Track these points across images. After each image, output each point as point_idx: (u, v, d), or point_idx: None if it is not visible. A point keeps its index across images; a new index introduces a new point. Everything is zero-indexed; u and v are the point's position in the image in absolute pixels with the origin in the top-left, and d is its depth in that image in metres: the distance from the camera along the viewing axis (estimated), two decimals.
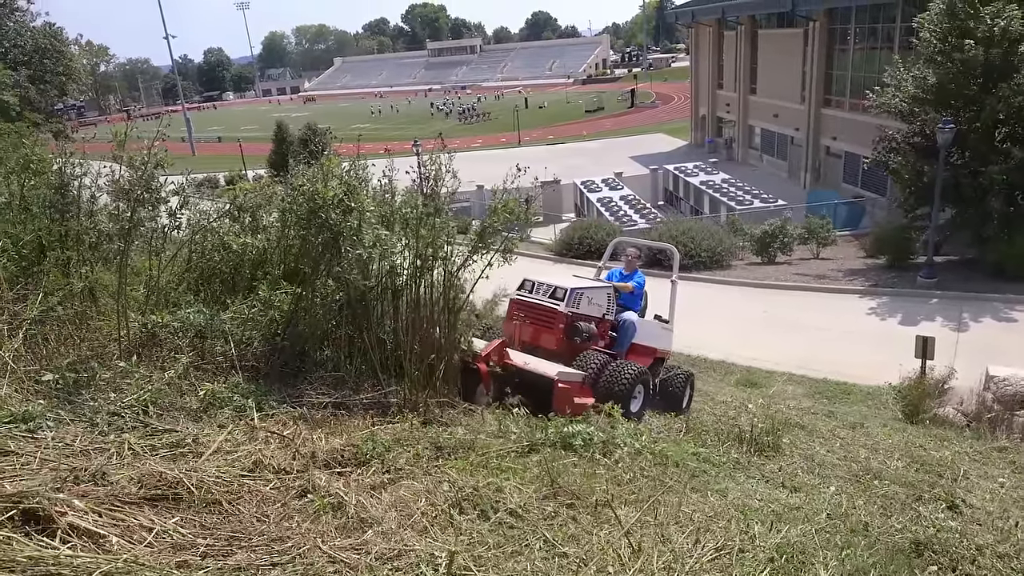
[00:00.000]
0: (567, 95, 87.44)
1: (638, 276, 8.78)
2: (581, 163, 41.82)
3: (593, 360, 7.01)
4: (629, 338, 8.12)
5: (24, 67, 35.44)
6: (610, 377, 6.82)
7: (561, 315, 7.24)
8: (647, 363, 7.97)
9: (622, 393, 6.61)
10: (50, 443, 2.89)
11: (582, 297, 7.49)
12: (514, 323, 7.39)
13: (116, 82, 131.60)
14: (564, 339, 7.28)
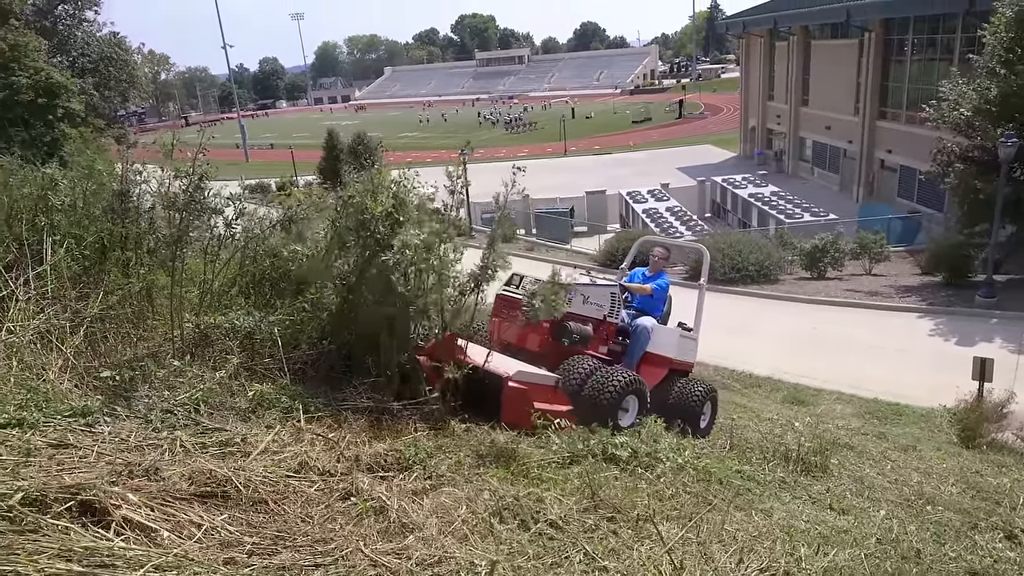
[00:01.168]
0: (614, 105, 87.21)
1: (662, 278, 7.90)
2: (627, 174, 41.61)
3: (579, 365, 6.13)
4: (641, 346, 7.24)
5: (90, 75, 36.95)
6: (595, 385, 5.92)
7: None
8: (660, 375, 7.14)
9: (608, 404, 5.76)
10: (107, 437, 2.99)
11: (574, 294, 6.58)
12: (496, 320, 6.65)
13: (175, 90, 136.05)
14: (549, 340, 6.46)
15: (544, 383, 5.51)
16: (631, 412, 6.13)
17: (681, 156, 48.76)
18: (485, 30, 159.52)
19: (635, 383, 6.11)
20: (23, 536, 2.15)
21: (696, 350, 7.94)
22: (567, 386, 5.84)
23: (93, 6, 41.00)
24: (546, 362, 6.12)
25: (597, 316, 6.88)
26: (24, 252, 4.55)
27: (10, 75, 25.64)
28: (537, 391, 5.31)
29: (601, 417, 5.38)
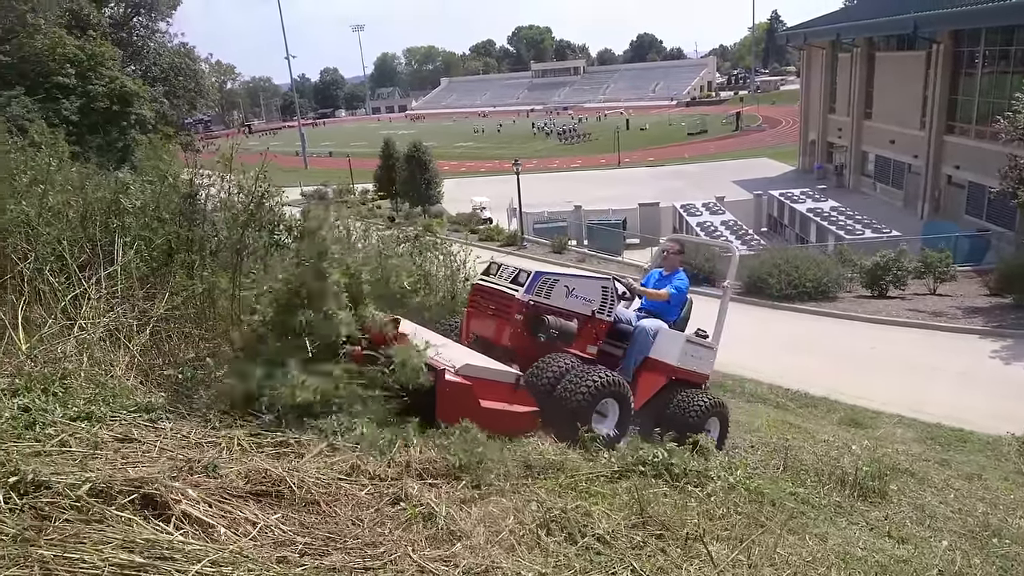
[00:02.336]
0: (670, 117, 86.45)
1: (679, 278, 7.01)
2: (681, 186, 41.17)
3: (553, 364, 5.48)
4: (641, 351, 6.47)
5: (161, 83, 38.42)
6: (567, 386, 5.24)
7: (518, 303, 5.70)
8: (657, 384, 6.43)
9: (580, 407, 5.14)
10: (169, 434, 3.10)
11: (556, 285, 5.93)
12: (470, 312, 6.19)
13: (240, 98, 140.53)
14: (523, 335, 5.74)
15: (500, 380, 4.91)
16: (610, 418, 5.52)
17: (737, 169, 47.95)
18: (541, 41, 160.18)
19: (614, 385, 5.42)
20: (89, 526, 2.24)
21: (712, 360, 7.10)
22: (538, 386, 5.30)
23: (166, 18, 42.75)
24: (523, 360, 5.60)
25: (583, 312, 6.12)
26: (97, 252, 4.76)
27: (88, 83, 26.88)
28: (487, 388, 4.74)
29: (572, 421, 4.95)
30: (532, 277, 5.79)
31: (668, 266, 7.19)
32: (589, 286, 6.25)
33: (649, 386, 6.38)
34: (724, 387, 12.52)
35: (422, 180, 38.43)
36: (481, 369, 4.81)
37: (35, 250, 4.41)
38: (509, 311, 5.74)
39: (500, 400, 4.74)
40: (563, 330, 5.79)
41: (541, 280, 5.83)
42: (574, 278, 6.29)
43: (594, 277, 6.58)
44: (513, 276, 5.95)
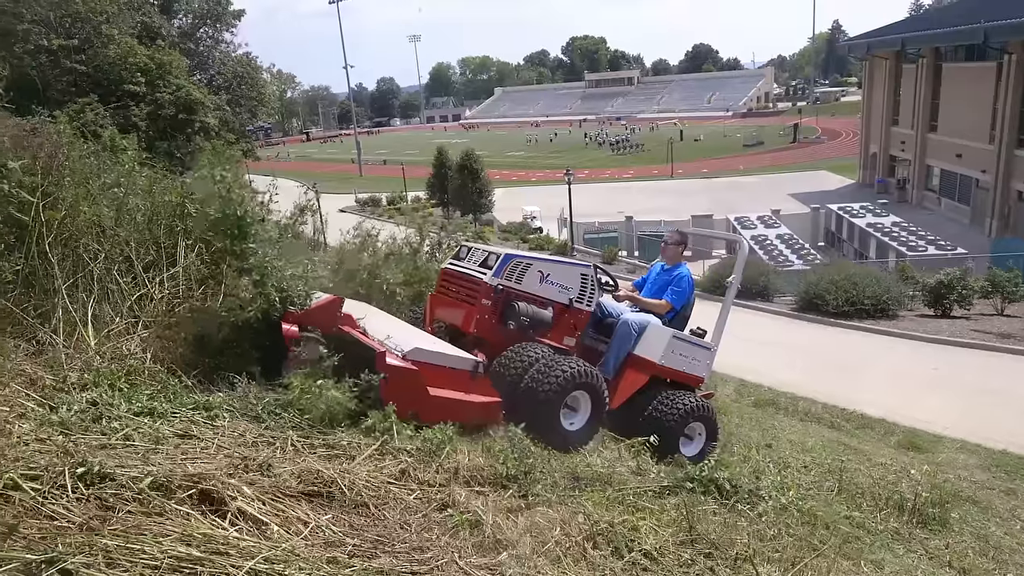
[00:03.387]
0: (725, 128, 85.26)
1: (682, 276, 6.37)
2: (735, 198, 40.50)
3: (523, 353, 5.03)
4: (624, 346, 5.94)
5: (224, 91, 39.71)
6: (535, 376, 4.80)
7: (485, 288, 5.28)
8: (638, 382, 5.86)
9: (547, 399, 4.71)
10: (226, 431, 3.19)
11: (528, 270, 5.45)
12: (437, 297, 5.81)
13: (299, 107, 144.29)
14: (491, 322, 5.33)
15: (455, 366, 4.53)
16: (581, 414, 5.07)
17: (794, 182, 46.96)
18: (596, 52, 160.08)
19: (586, 376, 4.95)
20: (150, 518, 2.32)
21: (709, 361, 6.47)
22: (504, 376, 4.90)
23: (230, 28, 44.24)
24: (492, 350, 5.21)
25: (560, 300, 5.65)
26: (161, 254, 4.94)
27: (156, 91, 27.97)
28: (439, 375, 4.36)
29: (539, 415, 4.63)
30: (501, 260, 5.35)
31: (668, 258, 6.57)
32: (566, 272, 5.75)
33: (629, 384, 5.84)
34: (777, 405, 12.25)
35: (473, 189, 38.76)
36: (432, 354, 4.43)
37: (105, 251, 4.59)
38: (476, 296, 5.32)
39: (454, 388, 4.39)
40: (535, 318, 5.37)
41: (511, 263, 5.38)
42: (550, 263, 5.78)
43: (573, 263, 6.03)
44: (482, 259, 5.54)
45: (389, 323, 5.13)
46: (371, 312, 5.33)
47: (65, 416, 2.91)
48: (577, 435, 4.95)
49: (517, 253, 5.60)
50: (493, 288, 5.28)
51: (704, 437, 6.03)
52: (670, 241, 6.56)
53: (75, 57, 27.65)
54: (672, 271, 6.42)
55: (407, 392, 3.97)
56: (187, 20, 42.67)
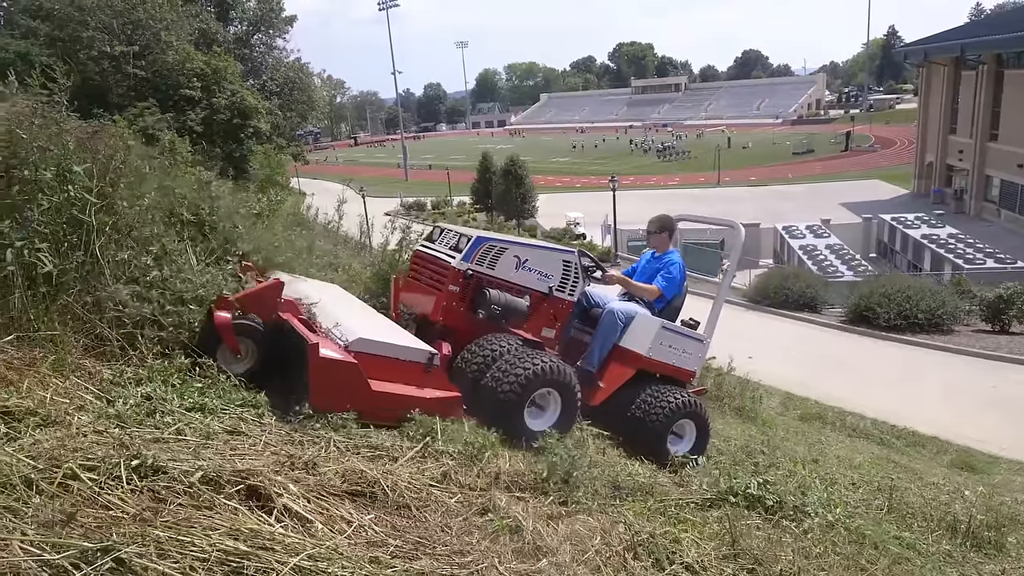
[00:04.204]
0: (774, 136, 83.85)
1: (672, 260, 5.87)
2: (784, 207, 39.76)
3: (490, 345, 4.65)
4: (609, 337, 5.46)
5: (276, 97, 40.66)
6: (499, 371, 4.41)
7: (453, 273, 4.88)
8: (623, 376, 5.43)
9: (508, 397, 4.30)
10: (273, 429, 3.26)
11: (503, 255, 5.04)
12: (407, 282, 5.42)
13: (348, 111, 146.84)
14: (460, 310, 4.95)
15: (407, 358, 4.12)
16: (550, 412, 4.60)
17: (845, 191, 45.87)
18: (643, 58, 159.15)
19: (555, 373, 4.48)
20: (200, 511, 2.37)
21: (701, 355, 5.98)
22: (468, 370, 4.53)
23: (283, 35, 45.36)
24: (461, 340, 4.85)
25: (538, 288, 5.21)
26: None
27: (211, 96, 28.78)
28: (386, 368, 3.98)
29: (501, 414, 4.25)
30: (472, 243, 4.94)
31: (656, 246, 6.05)
32: (546, 258, 5.29)
33: (614, 378, 5.40)
34: (824, 419, 11.97)
35: (517, 194, 38.90)
36: (380, 344, 4.03)
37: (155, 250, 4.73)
38: (444, 281, 4.93)
39: (405, 382, 4.03)
40: (509, 306, 4.92)
41: (484, 247, 4.96)
42: (527, 247, 5.30)
43: (554, 248, 5.54)
44: (454, 242, 5.12)
45: (350, 309, 4.80)
46: (337, 297, 5.08)
47: (121, 409, 3.00)
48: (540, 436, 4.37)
49: (491, 236, 5.19)
50: (462, 273, 4.88)
51: (695, 435, 5.60)
52: (653, 229, 6.00)
53: (135, 63, 28.64)
54: (662, 258, 5.93)
55: (344, 387, 3.63)
56: (242, 27, 43.84)
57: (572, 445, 3.87)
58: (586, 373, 5.28)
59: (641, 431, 5.18)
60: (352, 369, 3.68)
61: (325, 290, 5.21)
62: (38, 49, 26.89)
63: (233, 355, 3.96)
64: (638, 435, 5.18)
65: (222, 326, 3.86)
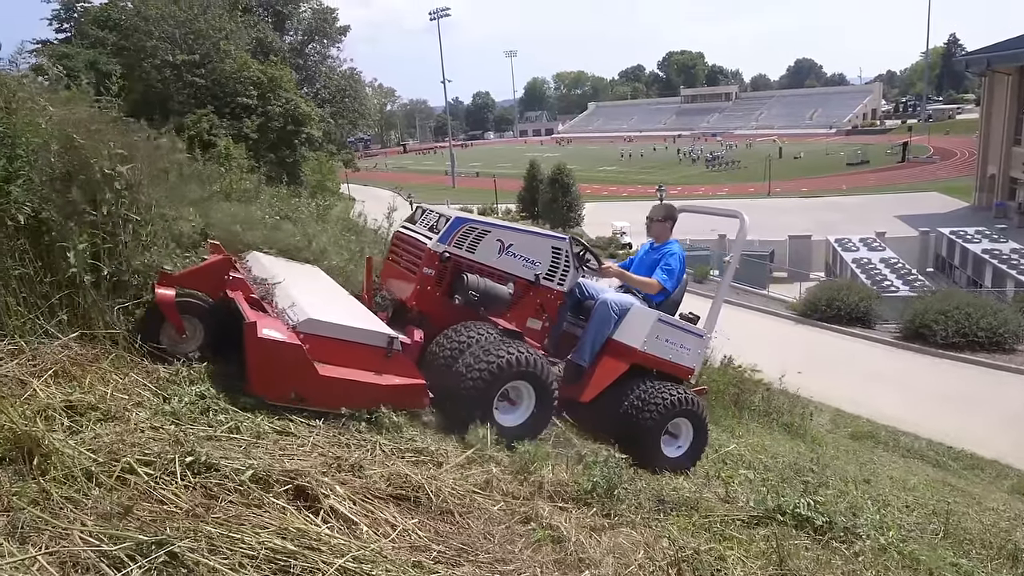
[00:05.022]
0: (827, 146, 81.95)
1: (672, 250, 5.53)
2: (836, 219, 38.82)
3: (463, 334, 4.34)
4: (602, 329, 5.13)
5: (328, 104, 41.58)
6: (466, 361, 4.11)
7: (429, 255, 4.60)
8: (615, 371, 5.07)
9: (474, 388, 4.01)
10: (321, 431, 3.31)
11: (485, 237, 4.74)
12: (389, 265, 5.16)
13: (397, 119, 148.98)
14: (435, 295, 4.66)
15: (363, 342, 3.79)
16: (521, 407, 4.31)
17: (901, 203, 44.53)
18: (693, 67, 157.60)
19: (527, 364, 4.17)
20: (249, 509, 2.43)
21: (701, 351, 5.64)
22: (438, 360, 4.23)
23: (336, 44, 46.43)
24: (438, 328, 4.55)
25: (523, 275, 4.89)
26: None
27: (267, 104, 29.58)
28: (338, 352, 3.68)
29: (467, 407, 3.98)
30: (450, 223, 4.66)
31: (656, 236, 5.71)
32: (534, 244, 4.96)
33: (606, 373, 5.07)
34: (877, 438, 11.62)
35: (564, 202, 38.91)
36: (333, 326, 3.71)
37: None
38: (419, 264, 4.67)
39: (360, 367, 3.72)
40: (488, 293, 4.61)
41: (463, 228, 4.67)
42: (514, 231, 4.98)
43: (543, 234, 5.22)
44: (432, 223, 4.86)
45: (315, 290, 4.58)
46: (308, 278, 4.90)
47: (176, 407, 3.10)
48: (516, 432, 4.17)
49: (471, 217, 4.90)
50: (438, 255, 4.58)
51: (691, 436, 5.25)
52: (656, 217, 5.66)
53: (195, 71, 29.63)
54: (661, 248, 5.59)
55: (286, 371, 3.39)
56: (297, 37, 44.95)
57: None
58: (577, 367, 5.04)
59: (633, 429, 4.86)
60: (295, 351, 3.39)
61: (300, 272, 5.04)
62: (105, 58, 28.04)
63: (178, 334, 3.76)
64: (629, 433, 4.84)
65: (164, 303, 3.66)
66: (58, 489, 2.25)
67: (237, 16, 33.68)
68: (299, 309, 3.76)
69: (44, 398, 2.79)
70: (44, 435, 2.42)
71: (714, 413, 8.29)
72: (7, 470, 2.31)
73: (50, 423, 2.62)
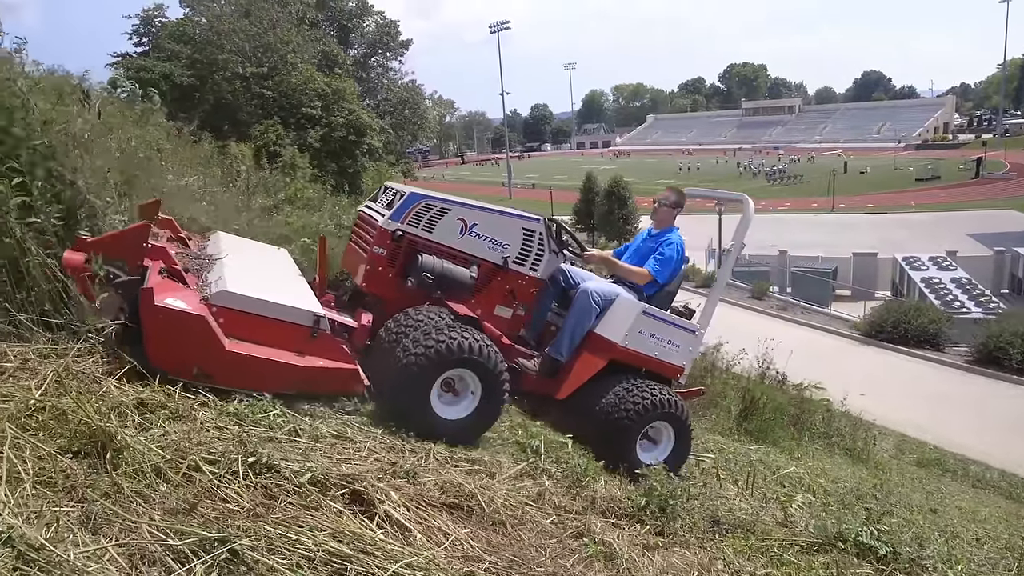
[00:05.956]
0: (895, 161, 79.27)
1: (670, 239, 5.10)
2: (904, 237, 37.45)
3: (406, 320, 4.03)
4: (584, 320, 4.72)
5: (389, 116, 42.46)
6: (405, 347, 3.80)
7: (380, 233, 4.33)
8: (593, 367, 4.67)
9: (410, 375, 3.71)
10: (377, 437, 3.36)
11: (445, 216, 4.41)
12: (350, 246, 4.87)
13: (456, 131, 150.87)
14: (384, 275, 4.36)
15: (283, 318, 3.51)
16: (467, 399, 3.94)
17: (975, 221, 42.64)
18: (755, 79, 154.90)
19: (472, 351, 3.81)
20: (307, 511, 2.48)
21: (693, 348, 5.14)
22: (380, 346, 3.98)
23: (398, 57, 47.46)
24: (384, 309, 4.30)
25: (490, 258, 4.54)
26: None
27: (330, 115, 30.39)
28: (254, 328, 3.41)
29: (402, 393, 3.72)
30: (405, 199, 4.37)
31: (659, 222, 5.29)
32: (501, 224, 4.59)
33: (582, 370, 4.68)
34: (944, 466, 11.14)
35: (620, 215, 38.71)
36: (249, 300, 3.44)
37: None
38: (370, 243, 4.40)
39: (281, 347, 3.46)
40: (446, 276, 4.28)
41: (418, 205, 4.36)
42: (478, 210, 4.62)
43: (512, 214, 4.80)
44: (390, 199, 4.57)
45: (258, 267, 4.35)
46: (261, 257, 4.71)
47: (239, 408, 3.18)
48: (458, 425, 3.83)
49: (430, 194, 4.58)
50: (390, 234, 4.29)
51: (672, 442, 4.81)
52: (666, 202, 5.22)
53: (263, 83, 30.67)
54: (660, 236, 5.16)
55: (187, 343, 3.15)
56: (361, 50, 46.09)
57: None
58: (553, 362, 4.68)
59: (606, 430, 4.51)
60: (197, 323, 3.16)
61: (260, 253, 4.86)
62: (179, 70, 29.28)
63: (89, 304, 3.39)
64: (602, 435, 4.52)
65: (72, 268, 3.31)
66: (129, 483, 2.34)
67: (304, 30, 34.75)
68: (220, 282, 3.56)
69: (117, 395, 2.91)
70: (117, 431, 2.52)
71: (772, 433, 8.09)
72: (83, 463, 2.41)
73: (123, 419, 2.73)
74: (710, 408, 8.45)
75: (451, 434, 3.72)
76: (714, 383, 8.92)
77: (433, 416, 3.76)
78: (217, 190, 7.57)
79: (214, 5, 33.36)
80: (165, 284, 3.33)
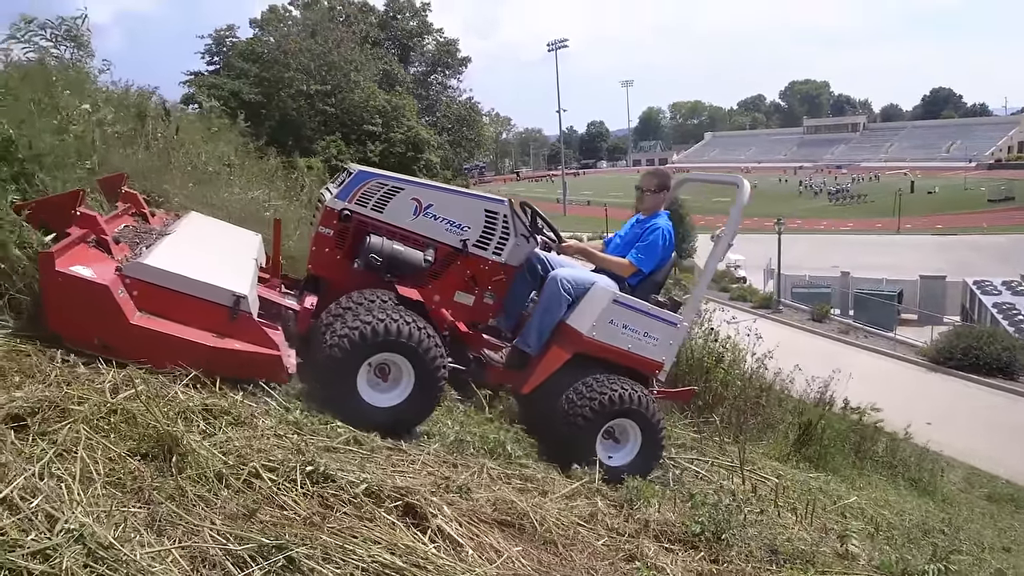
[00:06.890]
0: (966, 181, 76.25)
1: (656, 225, 4.83)
2: (975, 260, 35.97)
3: (344, 304, 3.86)
4: (554, 310, 4.39)
5: (447, 133, 43.14)
6: (335, 330, 3.62)
7: (327, 213, 4.15)
8: (557, 361, 4.33)
9: (333, 356, 3.54)
10: (431, 450, 3.38)
11: (397, 196, 4.19)
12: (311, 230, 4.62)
13: (512, 147, 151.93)
14: (331, 257, 4.20)
15: (201, 296, 3.34)
16: (400, 386, 3.70)
17: None
18: (817, 96, 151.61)
19: (401, 335, 3.58)
20: (362, 522, 2.51)
21: (673, 341, 4.65)
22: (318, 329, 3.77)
23: (457, 75, 48.27)
24: (334, 294, 4.10)
25: (447, 241, 4.28)
26: None
27: (390, 131, 31.08)
28: (169, 304, 3.27)
29: (326, 376, 3.57)
30: (352, 177, 4.17)
31: (646, 208, 5.01)
32: (460, 205, 4.32)
33: (548, 363, 4.36)
34: (1018, 502, 10.58)
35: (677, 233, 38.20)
36: (166, 275, 3.29)
37: None
38: (320, 224, 4.21)
39: (197, 326, 3.30)
40: (396, 259, 4.03)
41: (368, 183, 4.15)
42: (435, 191, 4.41)
43: (474, 195, 4.60)
44: (342, 179, 4.37)
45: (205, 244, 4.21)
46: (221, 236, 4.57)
47: (299, 417, 3.25)
48: (389, 413, 3.63)
49: (381, 173, 4.35)
50: (336, 213, 4.09)
51: (639, 443, 4.39)
52: (648, 187, 4.96)
53: (327, 100, 31.58)
54: (646, 222, 4.86)
55: (88, 313, 3.04)
56: (421, 68, 47.05)
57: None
58: (521, 354, 4.40)
59: (561, 427, 4.18)
60: (100, 292, 3.04)
61: (222, 232, 4.73)
62: (248, 88, 30.39)
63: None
64: (557, 432, 4.20)
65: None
66: (192, 487, 2.41)
67: (367, 49, 35.70)
68: (143, 255, 3.46)
69: (184, 400, 3.00)
70: (183, 435, 2.60)
71: (833, 461, 7.83)
72: (150, 465, 2.49)
73: (189, 424, 2.82)
74: (766, 431, 8.22)
75: (383, 422, 3.54)
76: (770, 405, 8.67)
77: (360, 402, 3.59)
78: (281, 203, 7.80)
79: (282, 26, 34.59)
80: (77, 251, 3.19)
